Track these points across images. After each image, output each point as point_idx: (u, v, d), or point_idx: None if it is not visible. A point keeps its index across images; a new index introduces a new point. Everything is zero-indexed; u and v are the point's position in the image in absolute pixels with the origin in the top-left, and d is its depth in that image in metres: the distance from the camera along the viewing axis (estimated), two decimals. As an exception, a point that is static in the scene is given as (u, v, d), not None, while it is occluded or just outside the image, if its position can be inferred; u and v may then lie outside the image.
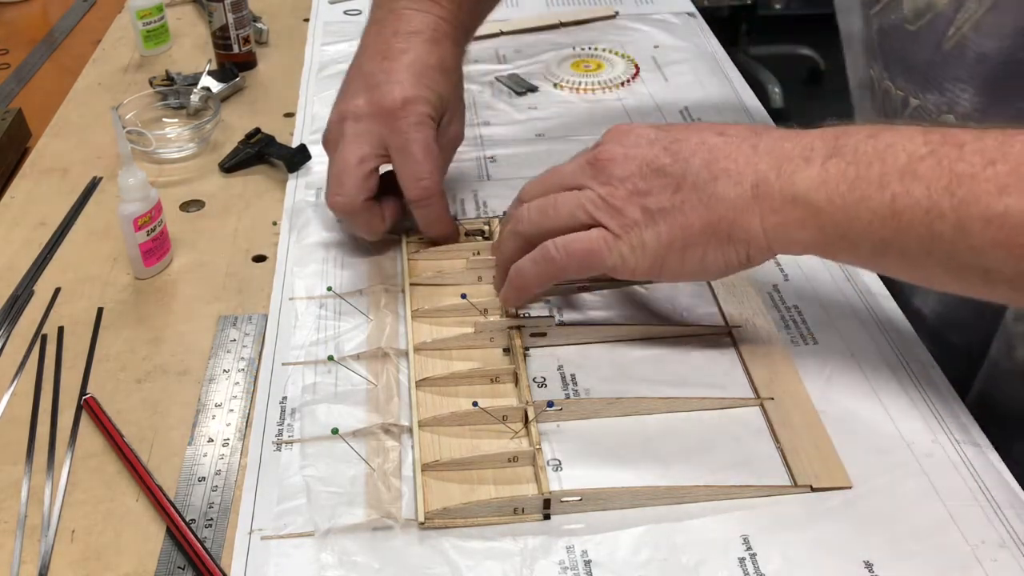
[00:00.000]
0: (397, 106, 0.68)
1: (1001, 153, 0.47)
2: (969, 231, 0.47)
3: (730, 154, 0.55)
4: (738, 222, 0.54)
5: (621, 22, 1.13)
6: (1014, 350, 0.67)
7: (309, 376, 0.63)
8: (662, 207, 0.56)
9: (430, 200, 0.69)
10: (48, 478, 0.57)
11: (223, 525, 0.54)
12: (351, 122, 0.69)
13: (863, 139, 0.52)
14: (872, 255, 0.52)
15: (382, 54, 0.71)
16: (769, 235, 0.54)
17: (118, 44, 1.12)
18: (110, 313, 0.70)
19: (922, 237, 0.49)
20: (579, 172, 0.60)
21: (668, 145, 0.57)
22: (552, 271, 0.60)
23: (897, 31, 0.67)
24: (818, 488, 0.54)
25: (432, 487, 0.54)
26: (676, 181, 0.56)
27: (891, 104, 0.69)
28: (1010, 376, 0.68)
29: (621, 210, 0.57)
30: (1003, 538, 0.51)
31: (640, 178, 0.57)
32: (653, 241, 0.56)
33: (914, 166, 0.49)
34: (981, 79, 0.62)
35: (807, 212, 0.52)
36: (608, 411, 0.59)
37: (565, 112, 0.94)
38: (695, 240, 0.55)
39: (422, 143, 0.68)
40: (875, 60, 0.71)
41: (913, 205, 0.49)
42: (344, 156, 0.68)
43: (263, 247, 0.76)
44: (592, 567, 0.50)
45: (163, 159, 0.88)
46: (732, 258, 0.56)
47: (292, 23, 1.15)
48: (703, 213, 0.55)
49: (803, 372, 0.62)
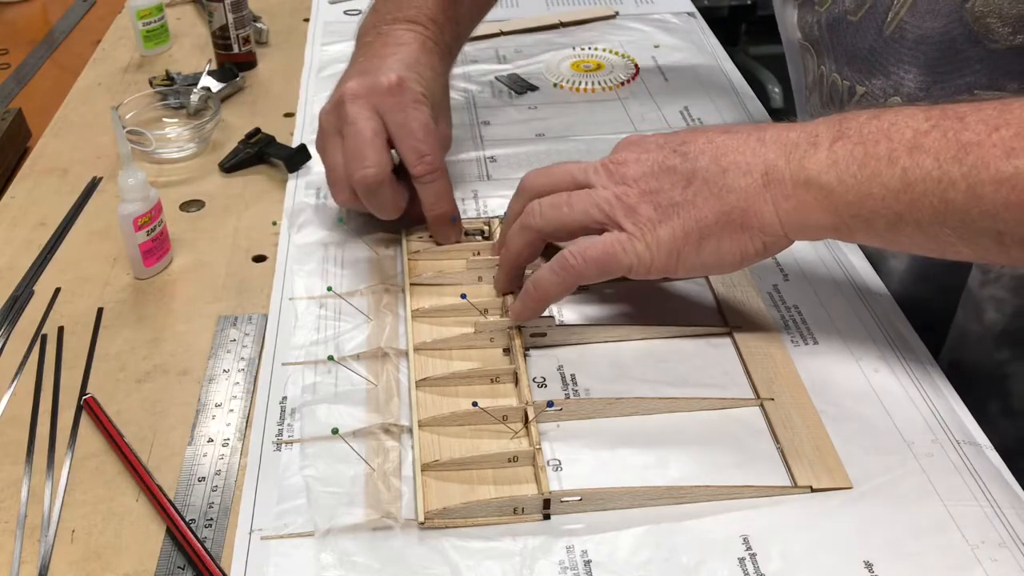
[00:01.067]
0: (393, 83, 0.69)
1: (1003, 119, 0.48)
2: (981, 196, 0.48)
3: (738, 147, 0.56)
4: (751, 210, 0.55)
5: (621, 22, 1.13)
6: (984, 313, 0.69)
7: (309, 376, 0.63)
8: (675, 202, 0.57)
9: (434, 175, 0.70)
10: (48, 478, 0.57)
11: (223, 525, 0.54)
12: (350, 103, 0.69)
13: (866, 120, 0.53)
14: (887, 230, 0.53)
15: (372, 56, 0.73)
16: (783, 220, 0.55)
17: (118, 44, 1.12)
18: (110, 313, 0.70)
19: (935, 207, 0.50)
20: (591, 172, 0.61)
21: (677, 147, 0.58)
22: (571, 279, 0.60)
23: (841, 24, 0.70)
24: (818, 489, 0.54)
25: (432, 487, 0.54)
26: (687, 177, 0.57)
27: (837, 95, 0.71)
28: (979, 339, 0.70)
29: (635, 208, 0.58)
30: (1003, 538, 0.51)
31: (652, 177, 0.58)
32: (668, 236, 0.57)
33: (920, 140, 0.50)
34: (923, 59, 0.65)
35: (819, 194, 0.53)
36: (608, 411, 0.59)
37: (565, 112, 0.94)
38: (709, 231, 0.56)
39: (422, 120, 0.69)
40: (826, 57, 0.73)
41: (924, 176, 0.50)
42: (359, 130, 0.68)
43: (263, 247, 0.76)
44: (592, 567, 0.50)
45: (163, 159, 0.88)
46: (748, 247, 0.57)
47: (292, 23, 1.15)
48: (715, 204, 0.56)
49: (803, 372, 0.62)
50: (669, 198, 0.57)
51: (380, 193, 0.69)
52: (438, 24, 0.76)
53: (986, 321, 0.69)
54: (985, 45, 0.61)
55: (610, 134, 0.90)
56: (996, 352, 0.69)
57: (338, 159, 0.70)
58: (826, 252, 0.73)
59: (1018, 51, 0.60)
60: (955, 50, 0.62)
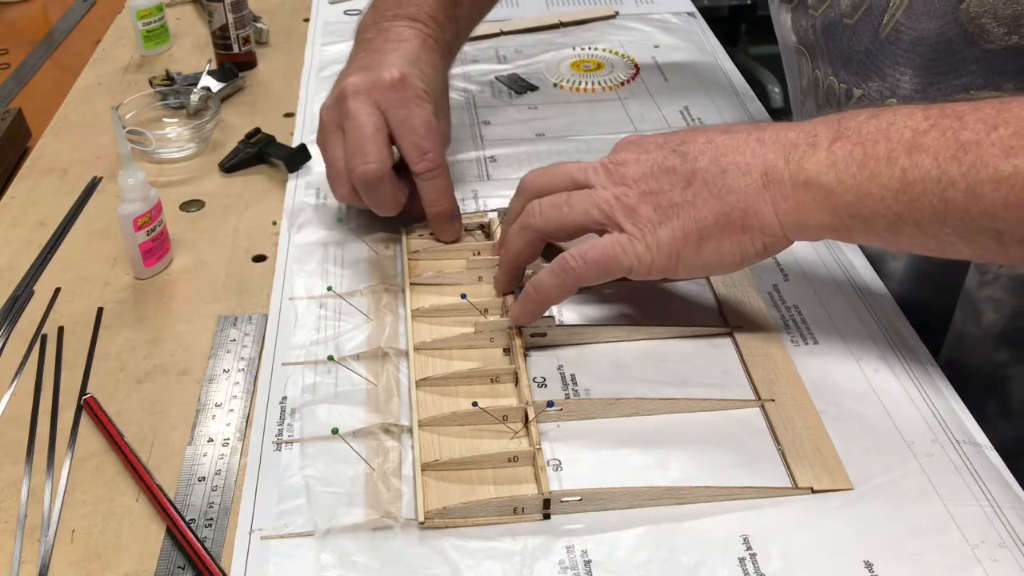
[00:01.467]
0: (396, 79, 0.69)
1: (1001, 119, 0.49)
2: (980, 195, 0.49)
3: (737, 147, 0.56)
4: (751, 210, 0.55)
5: (621, 22, 1.13)
6: (981, 315, 0.69)
7: (309, 376, 0.63)
8: (674, 203, 0.57)
9: (435, 172, 0.70)
10: (48, 478, 0.57)
11: (223, 525, 0.54)
12: (351, 98, 0.69)
13: (864, 120, 0.53)
14: (887, 230, 0.53)
15: (373, 52, 0.73)
16: (783, 221, 0.55)
17: (118, 44, 1.12)
18: (110, 313, 0.70)
19: (935, 206, 0.50)
20: (591, 172, 0.61)
21: (676, 147, 0.58)
22: (571, 282, 0.60)
23: (837, 27, 0.70)
24: (819, 490, 0.54)
25: (432, 487, 0.54)
26: (686, 178, 0.57)
27: (834, 98, 0.71)
28: (977, 340, 0.70)
29: (635, 209, 0.58)
30: (1003, 538, 0.51)
31: (652, 178, 0.58)
32: (668, 237, 0.57)
33: (919, 140, 0.50)
34: (919, 61, 0.65)
35: (819, 195, 0.53)
36: (608, 411, 0.59)
37: (565, 112, 0.94)
38: (709, 232, 0.56)
39: (424, 117, 0.69)
40: (821, 60, 0.73)
41: (923, 176, 0.50)
42: (360, 126, 0.68)
43: (263, 247, 0.76)
44: (592, 567, 0.50)
45: (163, 159, 0.88)
46: (748, 248, 0.57)
47: (292, 23, 1.15)
48: (715, 205, 0.56)
49: (803, 372, 0.62)
50: (669, 199, 0.57)
51: (380, 189, 0.69)
52: (438, 22, 0.76)
53: (984, 322, 0.69)
54: (981, 46, 0.61)
55: (610, 134, 0.90)
56: (995, 353, 0.69)
57: (339, 155, 0.70)
58: (826, 252, 0.73)
59: (1013, 51, 0.60)
60: (951, 51, 0.62)
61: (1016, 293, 0.67)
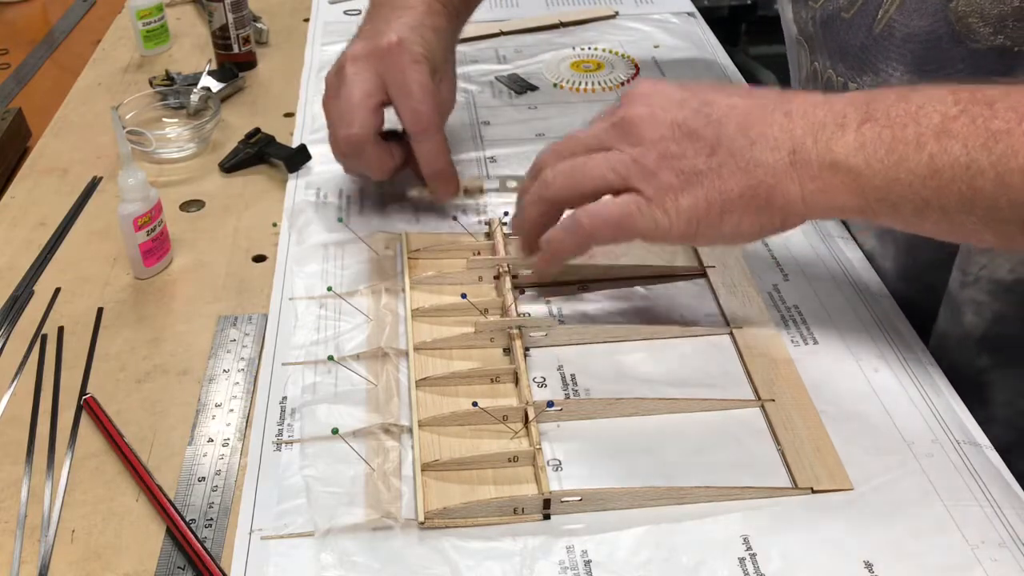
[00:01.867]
0: (393, 44, 0.70)
1: None
2: (1009, 185, 0.48)
3: (764, 118, 0.54)
4: (778, 188, 0.54)
5: (621, 22, 1.13)
6: (963, 316, 0.69)
7: (309, 376, 0.63)
8: (698, 170, 0.54)
9: (428, 133, 0.71)
10: (48, 478, 0.57)
11: (223, 525, 0.54)
12: (350, 65, 0.71)
13: (894, 102, 0.52)
14: (913, 215, 0.52)
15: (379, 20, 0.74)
16: (808, 201, 0.54)
17: (118, 44, 1.12)
18: (110, 313, 0.70)
19: (963, 194, 0.50)
20: (603, 134, 0.58)
21: (699, 107, 0.56)
22: (583, 240, 0.58)
23: (834, 21, 0.70)
24: (819, 491, 0.54)
25: (432, 487, 0.54)
26: (711, 144, 0.55)
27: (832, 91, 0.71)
28: (959, 343, 0.69)
29: (655, 173, 0.55)
30: (1003, 538, 0.51)
31: (672, 141, 0.55)
32: (689, 205, 0.54)
33: (948, 125, 0.50)
34: (909, 57, 0.64)
35: (847, 177, 0.52)
36: (608, 411, 0.59)
37: (565, 112, 0.94)
38: (733, 206, 0.54)
39: (419, 80, 0.70)
40: (820, 53, 0.73)
41: (952, 163, 0.49)
42: (348, 93, 0.70)
43: (263, 247, 0.76)
44: (592, 567, 0.50)
45: (163, 159, 0.88)
46: (767, 224, 0.55)
47: (292, 23, 1.15)
48: (742, 178, 0.54)
49: (803, 372, 0.62)
50: (692, 165, 0.54)
51: (363, 154, 0.72)
52: None
53: (966, 324, 0.68)
54: (967, 45, 0.61)
55: (610, 134, 0.90)
56: (976, 359, 0.69)
57: (333, 119, 0.73)
58: (826, 252, 0.73)
59: (999, 51, 0.59)
60: (940, 49, 0.62)
61: (996, 297, 0.66)
